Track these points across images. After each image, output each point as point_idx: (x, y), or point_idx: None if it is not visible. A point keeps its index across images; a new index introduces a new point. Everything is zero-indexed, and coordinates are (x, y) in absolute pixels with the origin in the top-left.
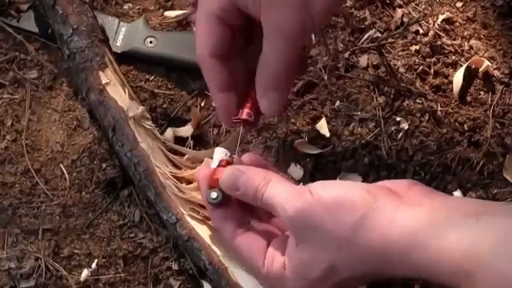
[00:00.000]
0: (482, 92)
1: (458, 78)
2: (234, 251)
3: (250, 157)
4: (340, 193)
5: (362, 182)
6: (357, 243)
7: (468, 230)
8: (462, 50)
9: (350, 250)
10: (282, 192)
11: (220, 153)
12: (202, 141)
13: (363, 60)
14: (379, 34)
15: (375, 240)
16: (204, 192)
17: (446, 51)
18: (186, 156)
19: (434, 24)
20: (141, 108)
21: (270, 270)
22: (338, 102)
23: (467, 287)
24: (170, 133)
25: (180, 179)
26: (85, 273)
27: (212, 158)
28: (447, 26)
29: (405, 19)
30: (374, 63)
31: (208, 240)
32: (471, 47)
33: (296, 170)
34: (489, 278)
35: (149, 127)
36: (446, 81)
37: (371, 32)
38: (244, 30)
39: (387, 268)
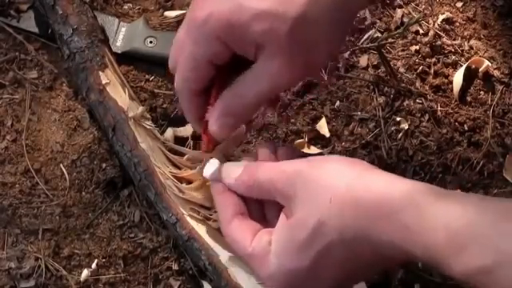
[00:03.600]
0: (482, 92)
1: (457, 78)
2: (227, 236)
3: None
4: (336, 160)
5: None
6: (350, 198)
7: (470, 205)
8: (462, 50)
9: (342, 204)
10: (278, 163)
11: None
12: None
13: (363, 60)
14: (379, 34)
15: (370, 197)
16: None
17: (446, 51)
18: (186, 156)
19: (434, 24)
20: (141, 108)
21: (255, 248)
22: (338, 102)
23: (457, 261)
24: (170, 133)
25: (180, 179)
26: (85, 273)
27: (211, 158)
28: (447, 26)
29: (405, 19)
30: (374, 63)
31: (208, 240)
32: (471, 47)
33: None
34: (483, 254)
35: (149, 127)
36: (446, 81)
37: (371, 32)
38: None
39: (376, 229)
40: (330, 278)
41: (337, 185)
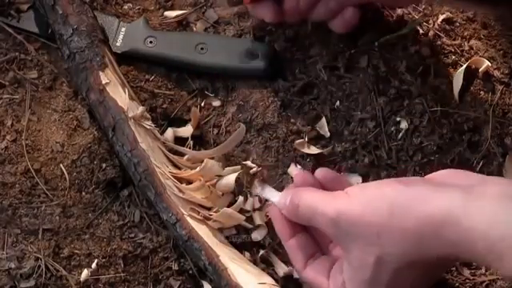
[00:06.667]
0: (482, 92)
1: (457, 78)
2: (304, 280)
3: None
4: (374, 187)
5: (362, 182)
6: (394, 226)
7: (503, 211)
8: (462, 50)
9: (389, 234)
10: (319, 197)
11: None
12: (202, 141)
13: (363, 60)
14: (379, 34)
15: (411, 219)
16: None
17: (446, 51)
18: (186, 156)
19: (434, 24)
20: (141, 108)
21: None
22: (338, 102)
23: (500, 267)
24: (170, 133)
25: (180, 179)
26: (85, 273)
27: (211, 158)
28: (447, 26)
29: (405, 19)
30: (374, 63)
31: (208, 240)
32: (471, 47)
33: (296, 170)
34: None
35: (149, 127)
36: (446, 81)
37: (371, 32)
38: None
39: (426, 248)
40: None
41: (378, 218)
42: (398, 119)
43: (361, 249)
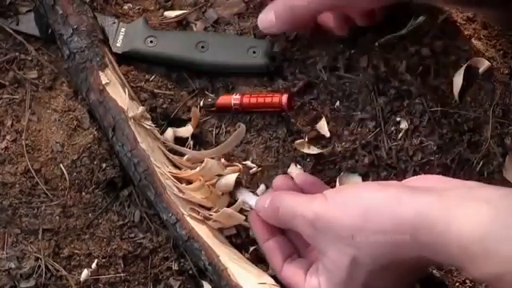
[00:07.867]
0: (482, 92)
1: (457, 78)
2: (281, 279)
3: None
4: (350, 189)
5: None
6: (368, 228)
7: (477, 213)
8: (462, 50)
9: (364, 236)
10: (298, 200)
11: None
12: (202, 141)
13: (363, 60)
14: (379, 34)
15: (385, 222)
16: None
17: (446, 51)
18: (186, 156)
19: (433, 24)
20: (141, 108)
21: None
22: (338, 102)
23: (472, 270)
24: (170, 133)
25: (180, 179)
26: (85, 273)
27: (211, 158)
28: (447, 26)
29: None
30: (374, 63)
31: (208, 240)
32: (471, 47)
33: (296, 170)
34: (491, 264)
35: (149, 127)
36: (446, 81)
37: (371, 32)
38: None
39: (400, 251)
40: None
41: (353, 220)
42: (398, 119)
43: (336, 250)
